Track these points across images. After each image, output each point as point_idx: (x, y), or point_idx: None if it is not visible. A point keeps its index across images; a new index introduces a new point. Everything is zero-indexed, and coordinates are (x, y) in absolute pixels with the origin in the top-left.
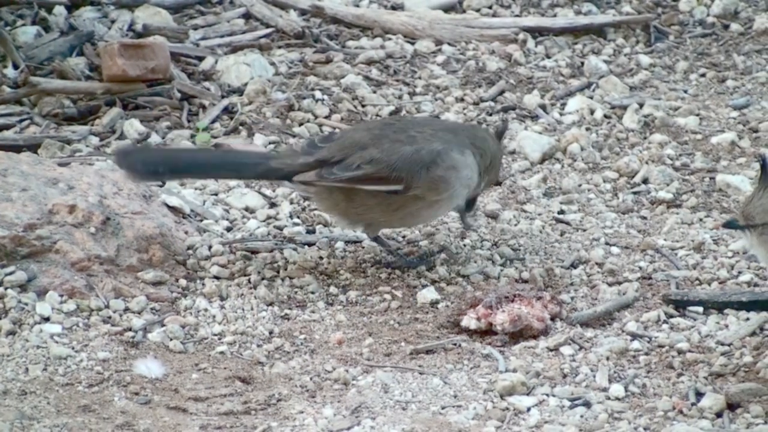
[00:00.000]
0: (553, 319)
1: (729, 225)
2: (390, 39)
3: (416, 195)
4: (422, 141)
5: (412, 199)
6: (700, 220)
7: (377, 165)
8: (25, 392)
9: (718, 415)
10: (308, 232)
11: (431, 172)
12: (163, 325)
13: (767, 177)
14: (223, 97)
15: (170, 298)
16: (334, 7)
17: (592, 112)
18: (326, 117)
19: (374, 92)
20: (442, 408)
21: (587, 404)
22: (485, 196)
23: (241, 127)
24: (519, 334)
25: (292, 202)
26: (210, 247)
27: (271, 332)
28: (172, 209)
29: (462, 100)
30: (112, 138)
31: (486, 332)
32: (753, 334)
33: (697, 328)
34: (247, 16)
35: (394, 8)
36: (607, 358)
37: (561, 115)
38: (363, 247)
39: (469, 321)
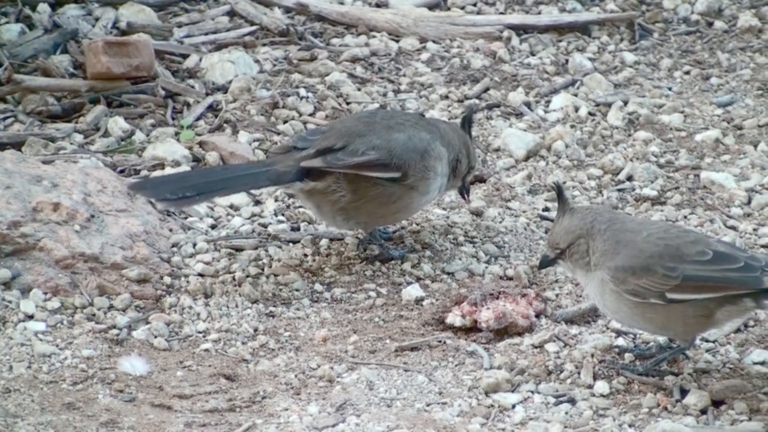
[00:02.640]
0: (537, 316)
1: (543, 264)
2: (375, 36)
3: (411, 185)
4: (410, 129)
5: (407, 190)
6: (685, 217)
7: (379, 151)
8: (9, 390)
9: (703, 411)
10: (293, 229)
11: (425, 161)
12: (148, 323)
13: (563, 204)
14: (207, 94)
15: (155, 296)
16: (318, 5)
17: (576, 109)
18: (311, 114)
19: (359, 90)
20: (427, 405)
21: (572, 401)
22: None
23: (225, 125)
24: (504, 331)
25: (276, 200)
26: (194, 245)
27: (255, 330)
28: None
29: (446, 97)
30: (96, 135)
31: (471, 329)
32: (738, 330)
33: None
34: (232, 13)
35: (378, 6)
36: (592, 355)
37: (545, 112)
38: (347, 244)
39: (454, 318)
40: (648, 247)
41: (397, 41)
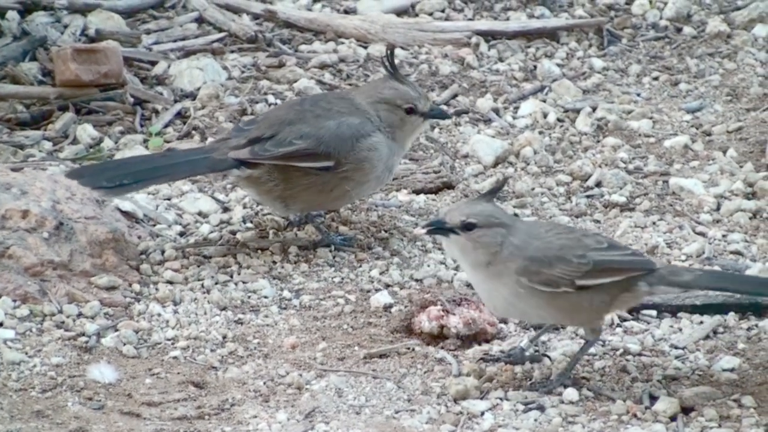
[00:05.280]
0: (506, 323)
1: (435, 227)
2: (343, 43)
3: (346, 176)
4: (338, 115)
5: (343, 180)
6: (654, 223)
7: (307, 140)
8: None
9: (672, 418)
10: (261, 236)
11: (356, 152)
12: (117, 330)
13: (493, 195)
14: (176, 101)
15: (123, 303)
16: (286, 11)
17: (545, 115)
18: None
19: None
20: (396, 412)
21: (541, 408)
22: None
23: (194, 132)
24: (473, 337)
25: (245, 207)
26: (163, 252)
27: (224, 337)
28: (125, 214)
29: None
30: (65, 143)
31: (438, 336)
32: (707, 337)
33: (650, 331)
34: (200, 20)
35: (346, 12)
36: (561, 362)
37: (514, 118)
38: (316, 252)
39: (422, 323)
40: (555, 240)
41: (366, 48)
